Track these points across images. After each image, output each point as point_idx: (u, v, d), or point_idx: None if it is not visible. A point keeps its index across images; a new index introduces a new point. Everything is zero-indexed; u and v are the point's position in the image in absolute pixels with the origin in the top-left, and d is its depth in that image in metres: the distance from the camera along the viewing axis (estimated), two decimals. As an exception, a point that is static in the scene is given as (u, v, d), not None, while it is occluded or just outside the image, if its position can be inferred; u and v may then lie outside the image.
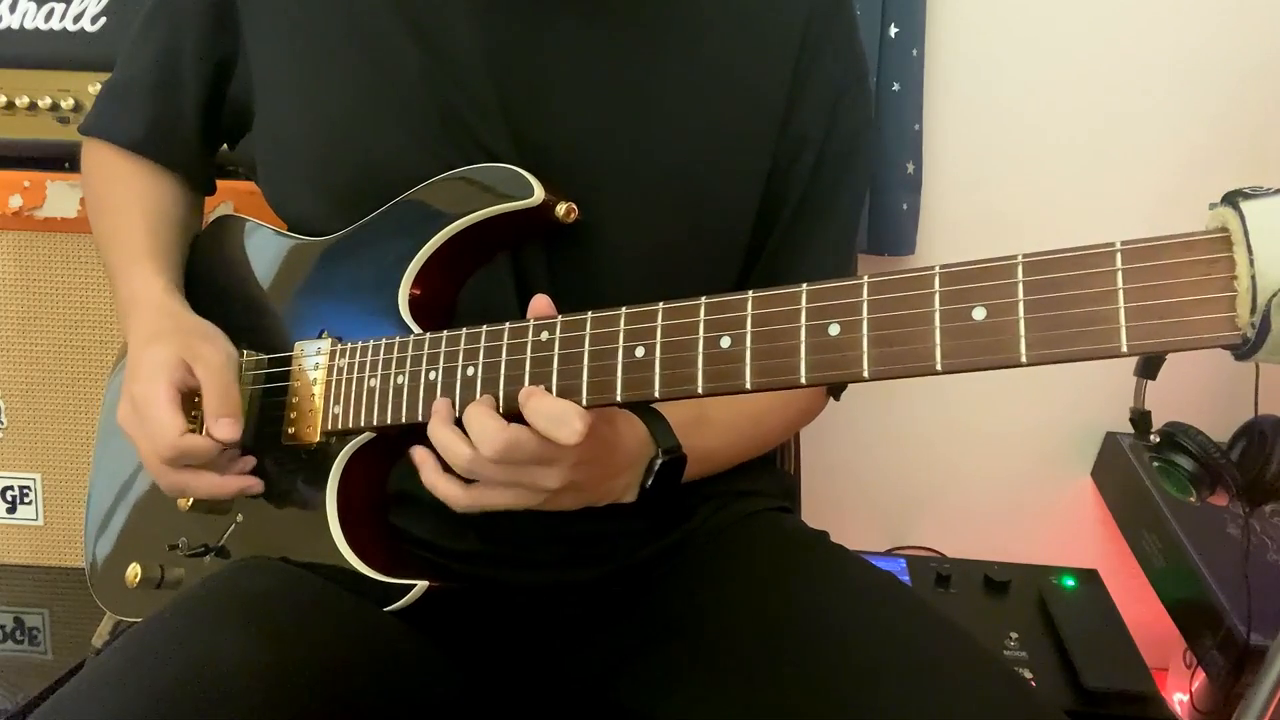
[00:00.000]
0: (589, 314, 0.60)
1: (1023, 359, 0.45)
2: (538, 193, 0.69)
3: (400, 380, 0.68)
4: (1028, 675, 1.23)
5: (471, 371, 0.64)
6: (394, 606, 0.68)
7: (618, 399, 0.58)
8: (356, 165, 0.75)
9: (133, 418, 0.72)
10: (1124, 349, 0.43)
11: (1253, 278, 0.40)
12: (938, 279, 0.48)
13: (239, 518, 0.77)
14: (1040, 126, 1.47)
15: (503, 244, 0.73)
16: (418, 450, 0.67)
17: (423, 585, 0.68)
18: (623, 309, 0.58)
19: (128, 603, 0.82)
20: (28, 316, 1.20)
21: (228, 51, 0.81)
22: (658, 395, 0.56)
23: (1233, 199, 0.42)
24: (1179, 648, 1.39)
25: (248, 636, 0.59)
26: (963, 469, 1.64)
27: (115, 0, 1.15)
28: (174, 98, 0.83)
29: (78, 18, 1.15)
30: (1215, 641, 1.16)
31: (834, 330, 0.51)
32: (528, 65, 0.73)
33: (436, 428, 0.64)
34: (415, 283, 0.71)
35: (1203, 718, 1.32)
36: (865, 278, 0.50)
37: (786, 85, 0.77)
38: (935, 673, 0.62)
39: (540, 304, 0.63)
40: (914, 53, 1.38)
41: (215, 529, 0.77)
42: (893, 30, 1.36)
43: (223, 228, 0.87)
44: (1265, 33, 1.40)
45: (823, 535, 0.81)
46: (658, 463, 0.67)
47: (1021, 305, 0.46)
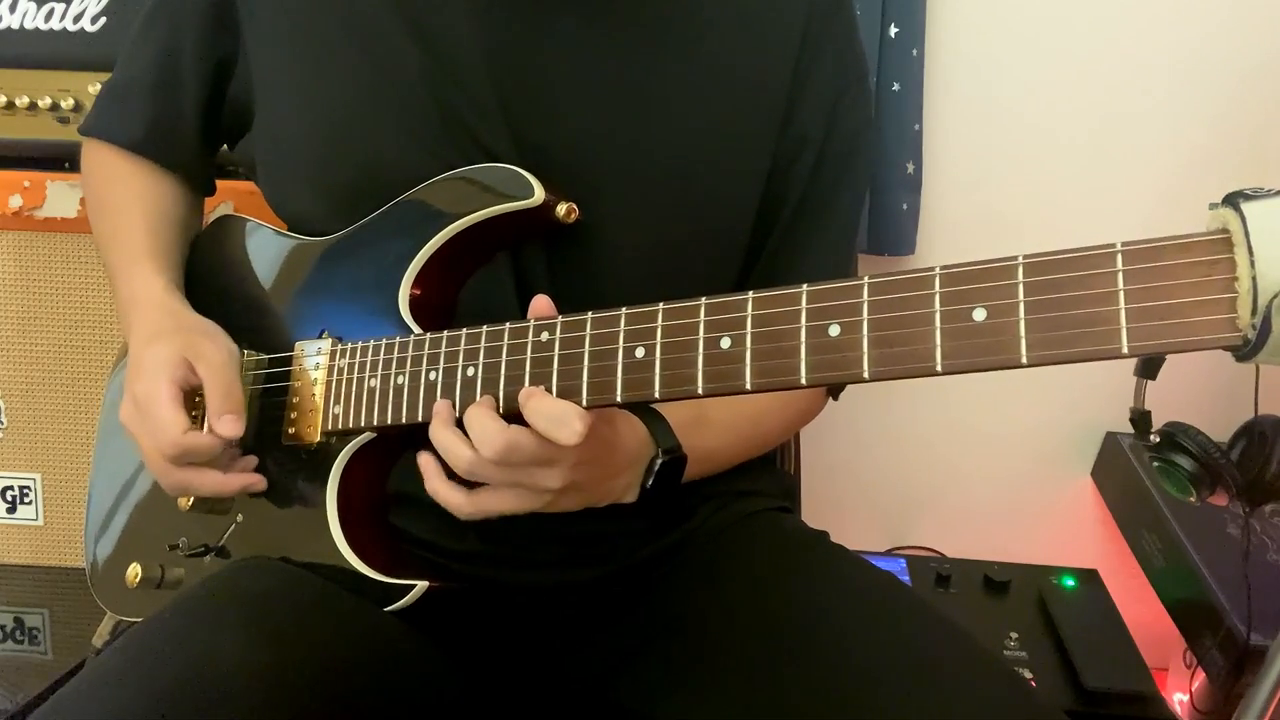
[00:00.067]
0: (589, 314, 0.60)
1: (1023, 360, 0.45)
2: (538, 193, 0.69)
3: (400, 380, 0.68)
4: (1028, 675, 1.23)
5: (472, 372, 0.64)
6: (394, 607, 0.68)
7: (618, 399, 0.58)
8: (356, 165, 0.75)
9: (135, 416, 0.72)
10: (1125, 350, 0.43)
11: (1254, 279, 0.40)
12: (938, 280, 0.48)
13: (239, 518, 0.77)
14: (1040, 126, 1.47)
15: (503, 244, 0.73)
16: (423, 456, 0.67)
17: (423, 585, 0.68)
18: (623, 309, 0.58)
19: (128, 603, 0.82)
20: (28, 316, 1.20)
21: (228, 51, 0.81)
22: (658, 396, 0.56)
23: (1233, 200, 0.42)
24: (1179, 648, 1.39)
25: (248, 636, 0.59)
26: (963, 469, 1.64)
27: (115, 0, 1.15)
28: (174, 98, 0.83)
29: (78, 18, 1.15)
30: (1215, 641, 1.16)
31: (834, 331, 0.51)
32: (528, 65, 0.73)
33: (438, 430, 0.64)
34: (415, 283, 0.71)
35: (1203, 718, 1.32)
36: (866, 278, 0.50)
37: (786, 85, 0.77)
38: (935, 673, 0.62)
39: (540, 304, 0.63)
40: (914, 53, 1.38)
41: (215, 529, 0.77)
42: (893, 30, 1.36)
43: (223, 228, 0.87)
44: (1265, 33, 1.40)
45: (823, 535, 0.81)
46: (658, 462, 0.67)
47: (1022, 306, 0.46)
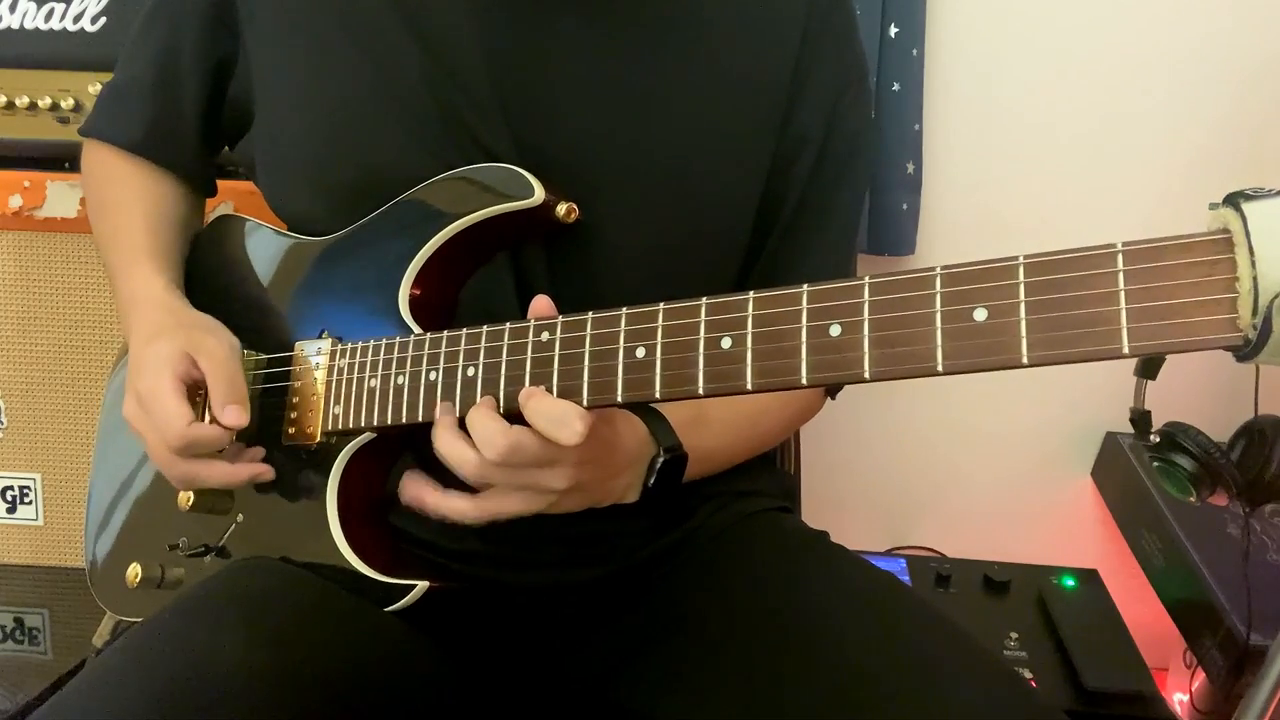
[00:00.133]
0: (590, 314, 0.60)
1: (1024, 360, 0.45)
2: (538, 193, 0.69)
3: (400, 380, 0.68)
4: (1028, 675, 1.23)
5: (472, 372, 0.64)
6: (394, 607, 0.68)
7: (618, 399, 0.58)
8: (356, 165, 0.75)
9: (139, 412, 0.72)
10: (1125, 350, 0.43)
11: (1254, 279, 0.40)
12: (939, 280, 0.48)
13: (239, 518, 0.77)
14: (1040, 126, 1.47)
15: (503, 244, 0.73)
16: (407, 485, 0.68)
17: (423, 585, 0.67)
18: (624, 309, 0.58)
19: (128, 603, 0.82)
20: (28, 316, 1.20)
21: (227, 51, 0.81)
22: (658, 396, 0.56)
23: (1234, 200, 0.42)
24: (1179, 648, 1.39)
25: (248, 636, 0.59)
26: (963, 469, 1.64)
27: (115, 0, 1.15)
28: (173, 98, 0.83)
29: (78, 18, 1.15)
30: (1215, 641, 1.16)
31: (835, 331, 0.51)
32: (528, 65, 0.73)
33: (442, 438, 0.63)
34: (415, 282, 0.71)
35: (1203, 718, 1.32)
36: (866, 278, 0.50)
37: (786, 85, 0.77)
38: (935, 673, 0.62)
39: (541, 304, 0.63)
40: (914, 53, 1.38)
41: (215, 529, 0.77)
42: (893, 30, 1.36)
43: (223, 227, 0.87)
44: (1265, 33, 1.40)
45: (823, 535, 0.81)
46: (659, 462, 0.67)
47: (1023, 306, 0.46)
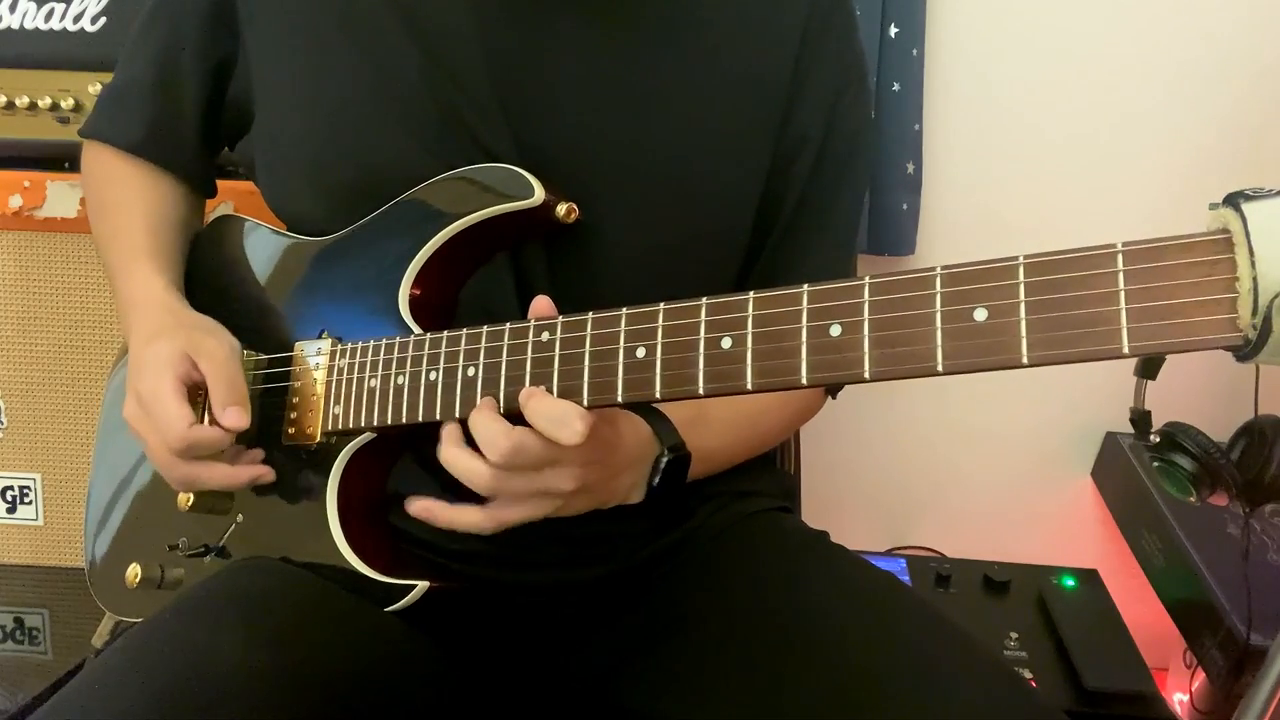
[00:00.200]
0: (590, 314, 0.60)
1: (1024, 360, 0.45)
2: (538, 193, 0.69)
3: (400, 380, 0.68)
4: (1028, 675, 1.23)
5: (472, 372, 0.64)
6: (395, 607, 0.68)
7: (619, 399, 0.58)
8: (356, 165, 0.75)
9: (139, 414, 0.72)
10: (1125, 350, 0.43)
11: (1254, 279, 0.40)
12: (939, 280, 0.48)
13: (239, 518, 0.77)
14: (1041, 127, 1.47)
15: (503, 244, 0.73)
16: (417, 505, 0.67)
17: (424, 586, 0.67)
18: (624, 309, 0.58)
19: (128, 603, 0.82)
20: (28, 316, 1.20)
21: (227, 52, 0.81)
22: (659, 396, 0.56)
23: (1234, 200, 0.42)
24: (1179, 648, 1.39)
25: (247, 636, 0.59)
26: (963, 469, 1.64)
27: (115, 0, 1.15)
28: (173, 98, 0.83)
29: (78, 18, 1.14)
30: (1215, 641, 1.16)
31: (835, 331, 0.51)
32: (527, 65, 0.73)
33: (449, 451, 0.63)
34: (415, 282, 0.71)
35: (1203, 718, 1.32)
36: (867, 278, 0.50)
37: (786, 84, 0.77)
38: (935, 673, 0.62)
39: (541, 305, 0.63)
40: (914, 53, 1.38)
41: (215, 529, 0.77)
42: (893, 30, 1.36)
43: (223, 227, 0.87)
44: (1266, 33, 1.40)
45: (823, 535, 0.81)
46: (663, 461, 0.67)
47: (1023, 306, 0.46)
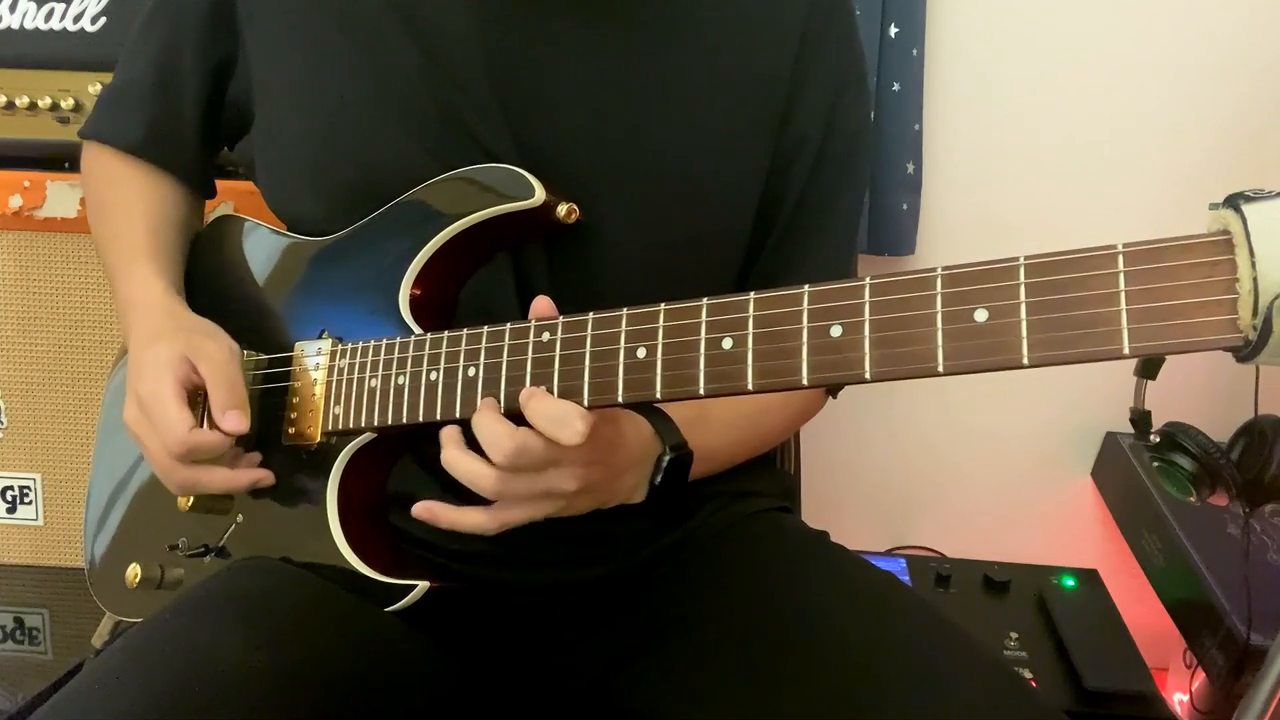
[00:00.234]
0: (590, 315, 0.60)
1: (1025, 361, 0.45)
2: (539, 193, 0.69)
3: (401, 381, 0.68)
4: (1028, 675, 1.23)
5: (473, 372, 0.64)
6: (395, 607, 0.68)
7: (619, 400, 0.58)
8: (356, 165, 0.75)
9: (140, 417, 0.72)
10: (1126, 351, 0.43)
11: (1255, 280, 0.40)
12: (940, 280, 0.48)
13: (239, 518, 0.77)
14: (1041, 127, 1.47)
15: (503, 244, 0.73)
16: (420, 506, 0.67)
17: (424, 586, 0.67)
18: (624, 310, 0.58)
19: (127, 603, 0.82)
20: (28, 316, 1.20)
21: (227, 52, 0.81)
22: (659, 396, 0.56)
23: (1234, 201, 0.42)
24: (1179, 648, 1.39)
25: (247, 636, 0.59)
26: (963, 469, 1.64)
27: (115, 0, 1.15)
28: (173, 98, 0.83)
29: (78, 18, 1.14)
30: (1215, 641, 1.16)
31: (836, 331, 0.51)
32: (527, 65, 0.73)
33: (453, 456, 0.63)
34: (416, 283, 0.71)
35: (1203, 718, 1.32)
36: (868, 279, 0.50)
37: (785, 84, 0.77)
38: (935, 673, 0.62)
39: (541, 305, 0.63)
40: (914, 53, 1.38)
41: (215, 529, 0.77)
42: (893, 30, 1.36)
43: (222, 228, 0.87)
44: (1267, 34, 1.40)
45: (823, 535, 0.81)
46: (666, 460, 0.67)
47: (1024, 307, 0.46)
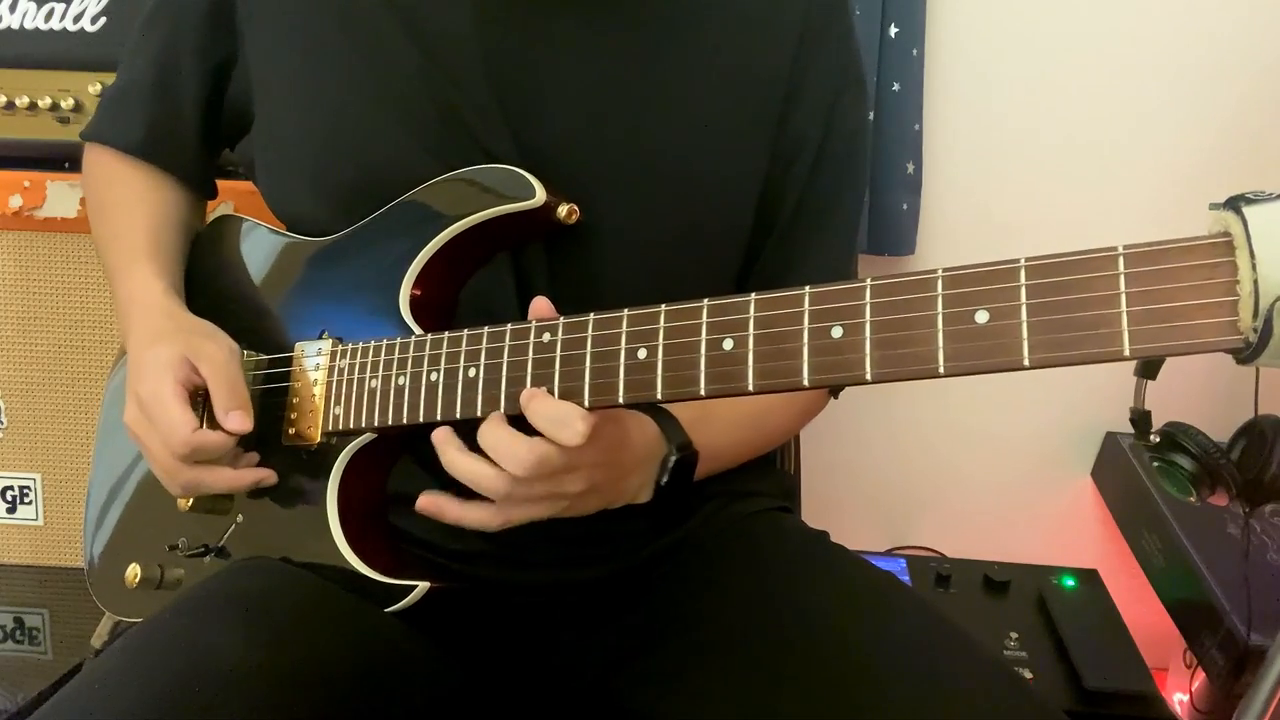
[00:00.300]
0: (591, 315, 0.60)
1: (1025, 362, 0.45)
2: (539, 194, 0.69)
3: (401, 381, 0.68)
4: (1028, 675, 1.23)
5: (473, 373, 0.64)
6: (395, 607, 0.68)
7: (620, 400, 0.58)
8: (356, 166, 0.75)
9: (140, 418, 0.72)
10: (1126, 352, 0.43)
11: (1255, 282, 0.40)
12: (940, 282, 0.48)
13: (239, 518, 0.77)
14: (1041, 127, 1.47)
15: (503, 245, 0.73)
16: (424, 499, 0.66)
17: (424, 586, 0.67)
18: (625, 311, 0.58)
19: (127, 603, 0.82)
20: (28, 316, 1.20)
21: (227, 53, 0.81)
22: (660, 397, 0.56)
23: (1235, 203, 0.42)
24: (1179, 648, 1.39)
25: (247, 636, 0.59)
26: (963, 469, 1.64)
27: (115, 0, 1.15)
28: (173, 99, 0.83)
29: (78, 18, 1.14)
30: (1215, 641, 1.16)
31: (837, 332, 0.51)
32: (526, 65, 0.73)
33: (454, 459, 0.63)
34: (416, 283, 0.71)
35: (1203, 718, 1.33)
36: (868, 280, 0.50)
37: (784, 83, 0.77)
38: (935, 673, 0.62)
39: (540, 306, 0.63)
40: (914, 53, 1.38)
41: (215, 529, 0.77)
42: (893, 30, 1.36)
43: (222, 228, 0.87)
44: (1268, 35, 1.40)
45: (823, 535, 0.81)
46: (672, 460, 0.67)
47: (1024, 309, 0.46)
